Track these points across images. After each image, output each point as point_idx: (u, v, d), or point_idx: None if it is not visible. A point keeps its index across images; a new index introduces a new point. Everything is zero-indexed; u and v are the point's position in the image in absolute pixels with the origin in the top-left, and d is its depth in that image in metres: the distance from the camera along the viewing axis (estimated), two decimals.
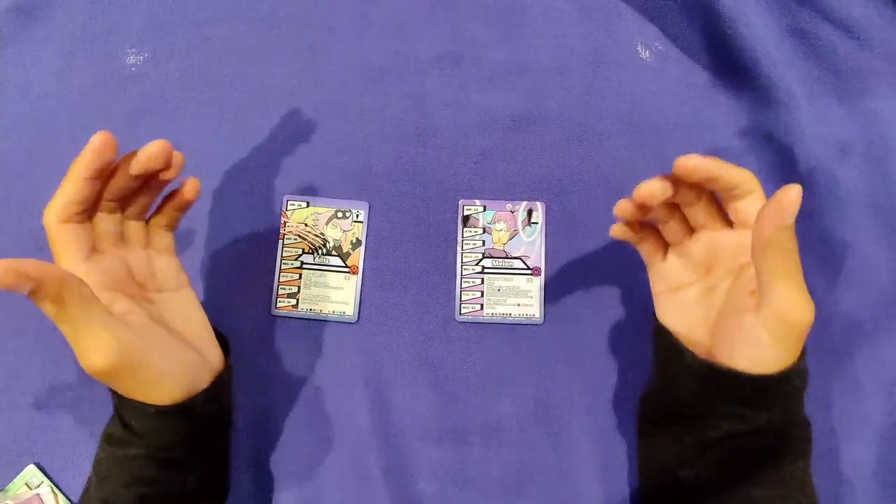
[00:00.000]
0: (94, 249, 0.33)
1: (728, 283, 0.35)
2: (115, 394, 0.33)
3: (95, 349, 0.29)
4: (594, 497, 0.42)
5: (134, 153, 0.33)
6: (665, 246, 0.38)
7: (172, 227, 0.39)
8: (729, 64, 0.48)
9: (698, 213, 0.35)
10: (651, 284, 0.39)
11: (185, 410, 0.33)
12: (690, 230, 0.37)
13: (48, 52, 0.50)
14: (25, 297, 0.27)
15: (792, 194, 0.28)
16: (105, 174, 0.32)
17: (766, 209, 0.29)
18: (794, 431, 0.33)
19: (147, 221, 0.37)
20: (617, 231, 0.38)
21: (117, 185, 0.33)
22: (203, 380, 0.35)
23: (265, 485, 0.43)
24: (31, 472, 0.42)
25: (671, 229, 0.37)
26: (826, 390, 0.43)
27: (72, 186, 0.32)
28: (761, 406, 0.32)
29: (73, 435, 0.43)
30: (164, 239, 0.38)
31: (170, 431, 0.33)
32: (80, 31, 0.50)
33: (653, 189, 0.32)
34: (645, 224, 0.38)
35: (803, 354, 0.32)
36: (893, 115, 0.47)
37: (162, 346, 0.33)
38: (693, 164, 0.31)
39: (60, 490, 0.42)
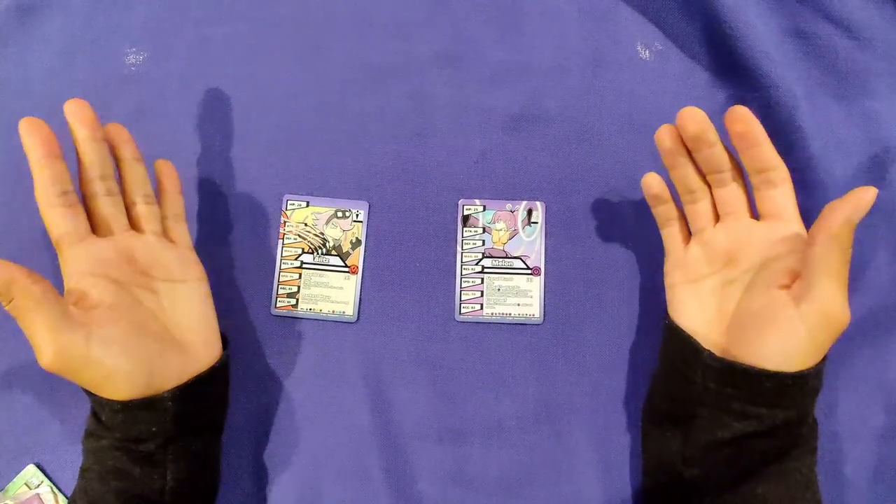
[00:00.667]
0: (91, 233, 0.35)
1: (748, 277, 0.35)
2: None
3: (39, 349, 0.30)
4: (594, 497, 0.42)
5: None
6: (688, 235, 0.39)
7: (179, 214, 0.40)
8: (729, 64, 0.48)
9: (729, 195, 0.36)
10: (666, 275, 0.39)
11: (148, 406, 0.33)
12: (716, 218, 0.37)
13: (48, 52, 0.50)
14: None
15: (869, 195, 0.29)
16: (56, 149, 0.34)
17: (840, 202, 0.30)
18: (803, 430, 0.33)
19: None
20: (651, 181, 0.38)
21: (90, 158, 0.35)
22: (173, 376, 0.35)
23: (265, 484, 0.43)
24: (30, 472, 0.42)
25: (698, 212, 0.37)
26: (826, 390, 0.42)
27: (36, 168, 0.33)
28: (778, 405, 0.32)
29: (73, 435, 0.43)
30: (173, 229, 0.39)
31: (136, 425, 0.33)
32: (79, 30, 0.50)
33: (696, 115, 0.34)
34: (672, 204, 0.39)
35: (824, 358, 0.32)
36: (893, 115, 0.47)
37: (122, 342, 0.33)
38: (746, 115, 0.33)
39: (60, 490, 0.42)
